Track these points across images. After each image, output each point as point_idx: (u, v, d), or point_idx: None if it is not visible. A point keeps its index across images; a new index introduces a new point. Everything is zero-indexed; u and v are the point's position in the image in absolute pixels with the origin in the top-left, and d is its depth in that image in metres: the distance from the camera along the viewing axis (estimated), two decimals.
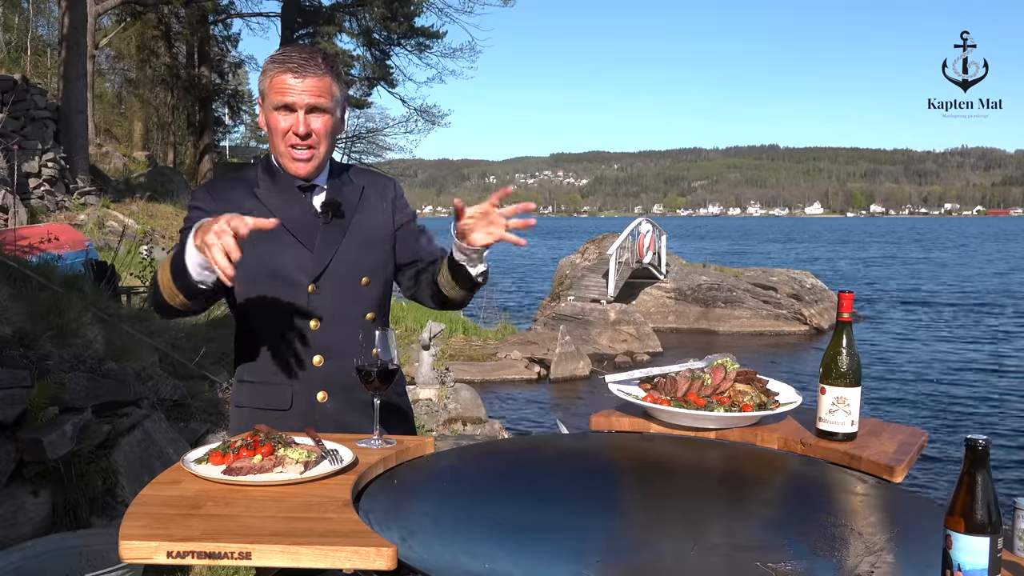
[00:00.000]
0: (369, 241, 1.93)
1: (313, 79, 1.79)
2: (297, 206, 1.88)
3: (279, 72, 1.79)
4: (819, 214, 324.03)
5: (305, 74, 1.78)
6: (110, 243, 10.63)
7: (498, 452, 1.83)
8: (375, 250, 1.94)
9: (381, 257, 1.96)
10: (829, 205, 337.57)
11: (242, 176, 1.94)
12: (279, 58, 1.81)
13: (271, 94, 1.81)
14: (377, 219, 1.96)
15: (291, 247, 1.85)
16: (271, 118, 1.83)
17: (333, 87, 1.83)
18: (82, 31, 15.33)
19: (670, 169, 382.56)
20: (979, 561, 1.06)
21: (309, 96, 1.79)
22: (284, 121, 1.81)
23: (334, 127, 1.87)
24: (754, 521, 1.44)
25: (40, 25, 25.79)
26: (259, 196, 1.88)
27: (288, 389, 1.87)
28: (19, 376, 3.34)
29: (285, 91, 1.78)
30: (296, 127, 1.80)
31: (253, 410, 1.89)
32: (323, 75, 1.80)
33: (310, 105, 1.80)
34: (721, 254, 47.43)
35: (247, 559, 1.18)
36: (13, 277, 4.81)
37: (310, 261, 1.86)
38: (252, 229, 1.55)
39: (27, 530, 3.16)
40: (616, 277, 19.23)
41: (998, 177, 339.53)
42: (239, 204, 1.83)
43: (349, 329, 1.80)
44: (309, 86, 1.79)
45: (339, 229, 1.89)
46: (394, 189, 2.03)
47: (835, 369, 1.78)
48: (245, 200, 1.86)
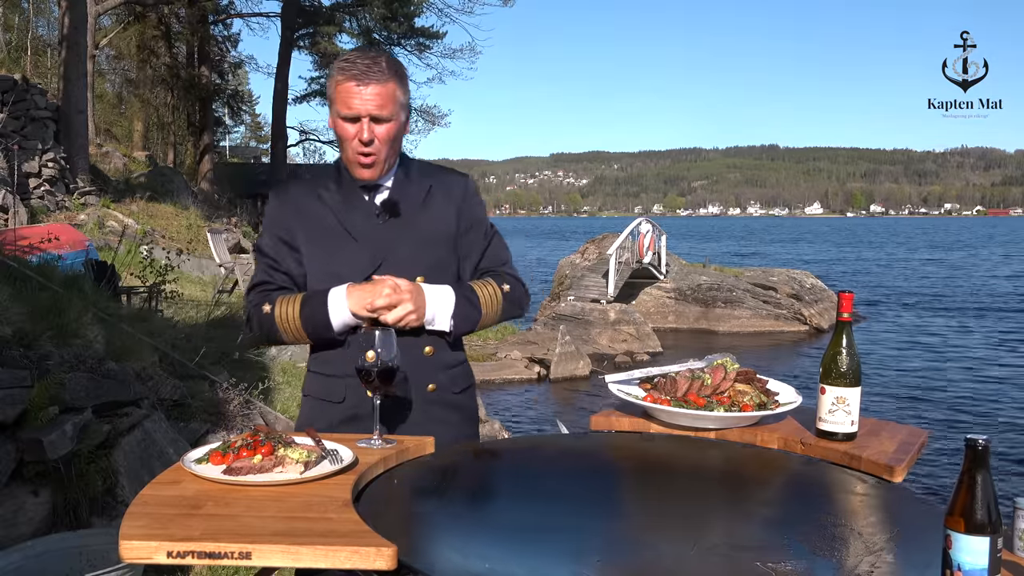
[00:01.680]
0: (428, 240, 1.94)
1: (376, 86, 1.82)
2: (358, 206, 1.93)
3: (344, 80, 1.83)
4: (819, 214, 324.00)
5: (368, 81, 1.81)
6: (110, 243, 10.62)
7: (498, 452, 1.83)
8: (434, 249, 1.95)
9: (441, 256, 1.97)
10: (829, 205, 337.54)
11: (312, 179, 2.01)
12: (343, 65, 1.84)
13: (337, 103, 1.85)
14: (440, 218, 1.97)
15: (348, 247, 1.91)
16: (338, 125, 1.88)
17: (396, 92, 1.86)
18: (82, 31, 15.33)
19: (670, 169, 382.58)
20: (979, 561, 1.06)
21: (373, 106, 1.82)
22: (350, 129, 1.85)
23: (398, 132, 1.90)
24: (754, 521, 1.44)
25: (40, 25, 25.82)
26: (323, 198, 1.94)
27: (342, 383, 1.91)
28: (19, 376, 3.34)
29: (350, 101, 1.82)
30: (360, 134, 1.84)
31: (313, 400, 1.98)
32: (386, 81, 1.83)
33: (373, 115, 1.83)
34: (734, 256, 47.17)
35: (247, 559, 1.18)
36: (13, 277, 4.80)
37: (365, 260, 1.90)
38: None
39: (27, 530, 3.16)
40: (616, 277, 19.23)
41: (998, 177, 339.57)
42: (303, 206, 1.94)
43: (403, 327, 1.85)
44: (372, 95, 1.82)
45: (396, 228, 1.92)
46: (464, 187, 2.04)
47: (835, 369, 1.78)
48: (310, 203, 1.94)
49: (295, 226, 1.93)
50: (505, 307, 2.00)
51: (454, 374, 2.00)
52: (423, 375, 1.93)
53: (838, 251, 62.93)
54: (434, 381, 1.95)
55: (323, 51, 24.49)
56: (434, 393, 1.95)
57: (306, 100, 26.38)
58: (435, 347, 1.94)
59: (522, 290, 2.06)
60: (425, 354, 1.93)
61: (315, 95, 26.12)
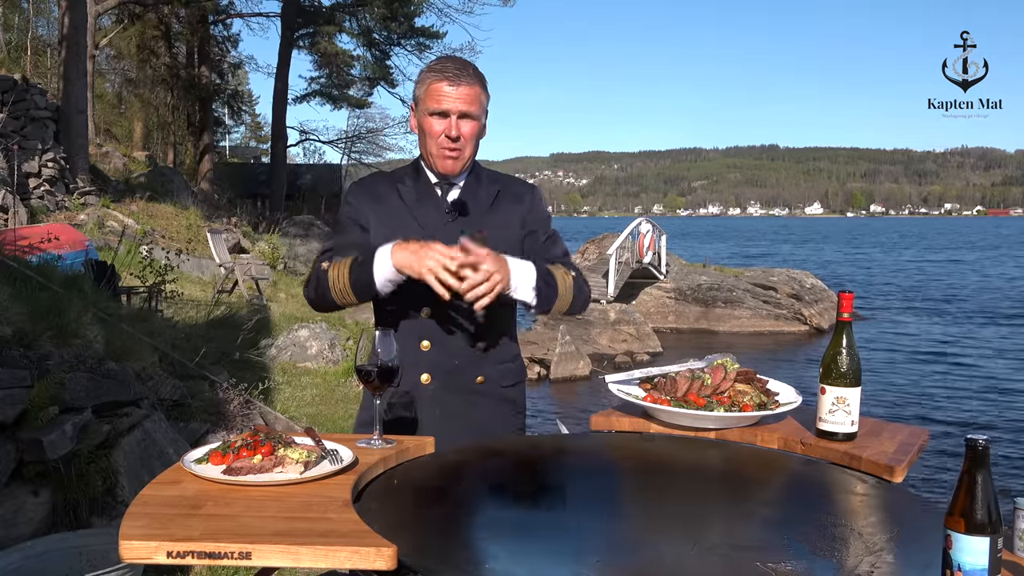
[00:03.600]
0: (493, 242, 1.97)
1: (466, 88, 1.95)
2: (431, 203, 2.04)
3: (436, 80, 1.95)
4: (819, 214, 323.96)
5: (460, 83, 1.94)
6: (110, 243, 10.61)
7: (498, 452, 1.83)
8: (498, 251, 1.97)
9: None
10: (829, 205, 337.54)
11: (392, 174, 2.13)
12: (437, 67, 1.97)
13: (427, 100, 1.96)
14: (505, 222, 2.05)
15: (417, 239, 1.95)
16: (425, 122, 1.98)
17: (481, 96, 2.00)
18: (82, 31, 15.31)
19: (670, 169, 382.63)
20: (979, 561, 1.06)
21: (462, 103, 1.94)
22: (438, 125, 1.96)
23: (479, 132, 2.03)
24: (754, 521, 1.44)
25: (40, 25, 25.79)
26: (400, 192, 2.05)
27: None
28: (19, 376, 3.34)
29: (441, 99, 1.94)
30: (449, 130, 1.95)
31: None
32: (473, 84, 1.96)
33: (462, 112, 1.95)
34: (744, 257, 46.75)
35: (247, 559, 1.18)
36: (13, 277, 4.80)
37: None
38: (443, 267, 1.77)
39: (27, 530, 3.16)
40: (616, 277, 19.23)
41: (998, 177, 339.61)
42: (382, 198, 2.05)
43: (458, 318, 1.98)
44: (462, 94, 1.94)
45: (464, 226, 1.99)
46: (531, 196, 2.13)
47: (835, 369, 1.78)
48: (388, 196, 2.06)
49: (370, 212, 2.04)
50: (575, 293, 2.03)
51: (505, 368, 2.07)
52: (473, 367, 2.01)
53: (855, 252, 62.11)
54: (483, 374, 2.02)
55: (323, 51, 24.48)
56: (482, 385, 2.02)
57: (306, 100, 26.35)
58: (487, 341, 2.02)
59: (584, 283, 2.08)
60: (477, 348, 2.01)
61: (315, 95, 26.11)
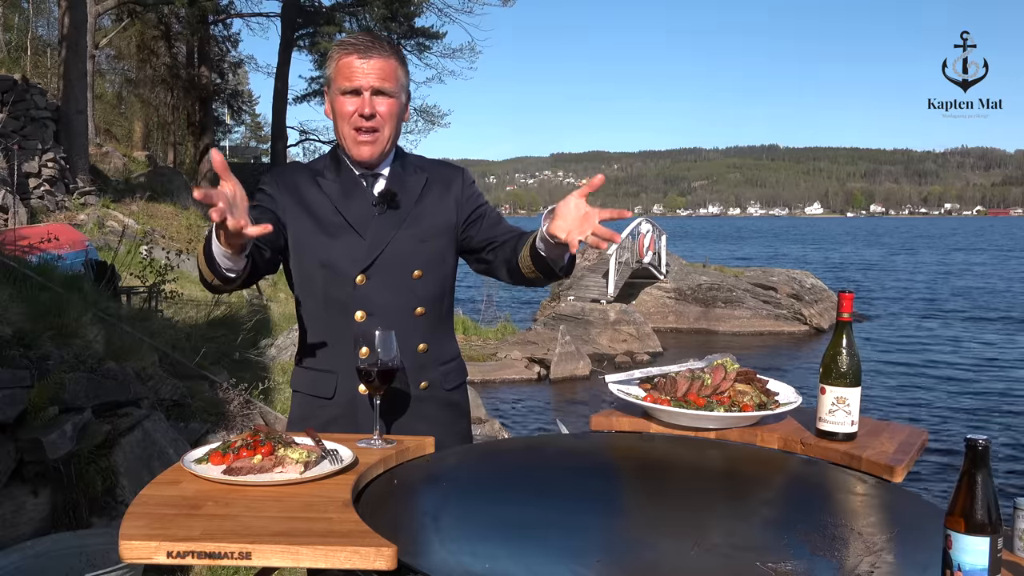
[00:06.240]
0: (425, 233, 1.90)
1: (379, 60, 1.79)
2: (356, 195, 1.87)
3: (345, 55, 1.79)
4: (819, 214, 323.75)
5: (371, 56, 1.78)
6: (110, 243, 10.62)
7: (498, 452, 1.83)
8: (431, 243, 1.91)
9: (438, 250, 1.92)
10: (829, 205, 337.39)
11: (309, 165, 1.95)
12: (345, 42, 1.82)
13: (337, 78, 1.81)
14: (438, 211, 1.92)
15: (345, 236, 1.85)
16: (337, 103, 1.82)
17: (398, 71, 1.83)
18: (82, 31, 15.31)
19: (670, 169, 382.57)
20: (979, 561, 1.05)
21: (374, 78, 1.79)
22: (350, 104, 1.80)
23: (399, 112, 1.86)
24: (754, 521, 1.44)
25: (40, 25, 25.79)
26: (321, 185, 1.88)
27: (332, 378, 1.88)
28: (19, 376, 3.34)
29: (351, 74, 1.78)
30: (361, 108, 1.79)
31: (303, 395, 1.93)
32: (388, 57, 1.80)
33: (375, 88, 1.79)
34: (753, 259, 46.55)
35: (247, 559, 1.18)
36: (13, 277, 4.80)
37: (361, 251, 1.84)
38: (237, 227, 1.47)
39: (27, 530, 3.16)
40: (616, 277, 19.23)
41: (998, 177, 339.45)
42: (302, 191, 1.87)
43: (396, 322, 1.78)
44: (374, 67, 1.78)
45: (394, 220, 1.87)
46: (461, 179, 1.98)
47: (835, 369, 1.78)
48: (308, 188, 1.88)
49: (288, 204, 1.86)
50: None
51: (447, 370, 1.97)
52: (416, 372, 1.90)
53: (869, 252, 61.65)
54: (427, 379, 1.92)
55: (323, 51, 24.46)
56: (426, 390, 1.92)
57: (306, 100, 26.37)
58: (428, 344, 1.92)
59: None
60: (419, 351, 1.90)
61: (315, 95, 26.11)
